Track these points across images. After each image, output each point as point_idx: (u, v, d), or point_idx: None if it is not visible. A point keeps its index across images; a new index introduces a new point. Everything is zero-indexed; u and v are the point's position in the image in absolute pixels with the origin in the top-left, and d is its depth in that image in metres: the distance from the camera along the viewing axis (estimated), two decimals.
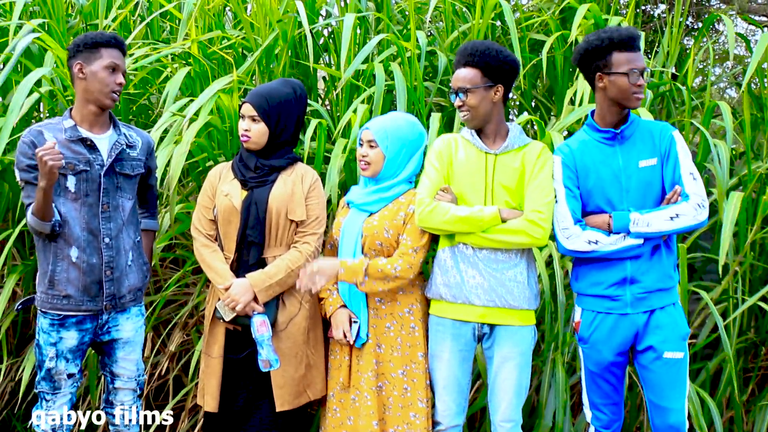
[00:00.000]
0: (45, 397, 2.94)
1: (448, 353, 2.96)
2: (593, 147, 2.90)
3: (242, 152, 3.11)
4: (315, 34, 4.02)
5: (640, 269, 2.81)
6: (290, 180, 3.07)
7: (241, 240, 3.02)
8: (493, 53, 2.88)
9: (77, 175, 2.84)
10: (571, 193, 2.88)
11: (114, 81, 2.86)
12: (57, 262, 2.85)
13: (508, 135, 2.95)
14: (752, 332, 3.93)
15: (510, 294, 2.89)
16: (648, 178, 2.83)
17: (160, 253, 3.75)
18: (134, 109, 4.07)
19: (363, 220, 3.03)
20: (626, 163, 2.84)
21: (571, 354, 3.64)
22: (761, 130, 4.05)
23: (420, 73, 3.70)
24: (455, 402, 2.98)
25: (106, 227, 2.89)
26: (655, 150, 2.84)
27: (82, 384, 3.82)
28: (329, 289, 3.08)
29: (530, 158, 2.91)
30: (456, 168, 2.96)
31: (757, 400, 3.89)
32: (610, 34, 2.80)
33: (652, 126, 2.90)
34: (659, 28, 5.15)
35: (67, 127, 2.87)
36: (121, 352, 3.01)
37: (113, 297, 2.92)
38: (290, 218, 3.02)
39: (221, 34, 3.94)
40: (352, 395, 3.01)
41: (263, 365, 2.92)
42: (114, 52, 2.88)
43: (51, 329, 2.88)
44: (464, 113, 2.92)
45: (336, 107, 3.97)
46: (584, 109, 3.52)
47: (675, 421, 2.86)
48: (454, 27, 4.13)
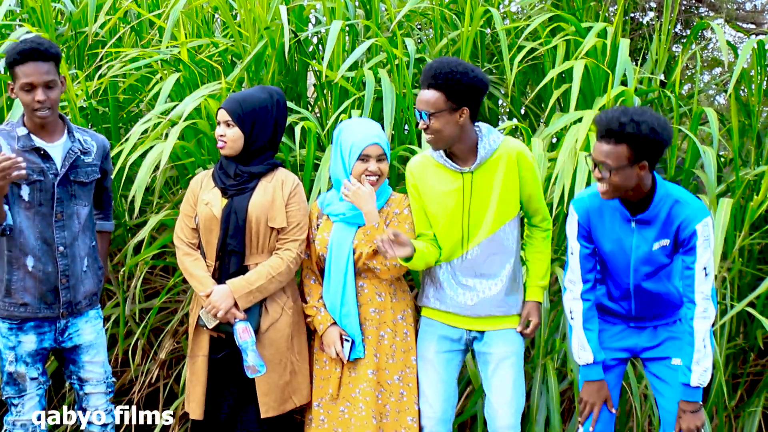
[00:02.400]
0: (13, 402, 2.96)
1: (433, 353, 2.98)
2: (612, 214, 2.74)
3: (222, 160, 3.11)
4: (304, 41, 4.02)
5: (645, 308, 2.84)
6: (270, 186, 3.05)
7: (221, 249, 3.02)
8: (457, 76, 2.72)
9: (31, 185, 2.82)
10: (585, 251, 2.80)
11: (32, 99, 2.77)
12: (13, 271, 2.86)
13: (478, 146, 2.85)
14: (741, 338, 3.94)
15: (498, 304, 2.93)
16: (657, 259, 2.73)
17: (150, 261, 3.75)
18: (124, 116, 4.07)
19: (353, 234, 3.01)
20: (639, 244, 2.72)
21: (560, 360, 3.64)
22: (749, 136, 4.07)
23: (409, 81, 3.70)
24: (441, 408, 2.97)
25: (60, 236, 2.88)
26: (671, 233, 2.67)
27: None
28: (315, 306, 3.06)
29: (512, 160, 2.85)
30: (428, 191, 2.93)
31: (746, 406, 3.90)
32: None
33: (681, 208, 2.65)
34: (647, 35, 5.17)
35: (20, 135, 2.84)
36: (86, 356, 3.02)
37: (69, 304, 2.93)
38: (270, 226, 3.01)
39: (210, 41, 3.95)
40: (341, 407, 3.00)
41: (249, 371, 2.91)
42: (27, 68, 2.75)
43: (9, 333, 2.90)
44: (429, 136, 2.80)
45: (326, 114, 3.97)
46: (572, 115, 3.53)
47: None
48: (443, 34, 4.14)
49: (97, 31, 4.10)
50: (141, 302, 3.90)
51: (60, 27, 4.16)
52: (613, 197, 2.65)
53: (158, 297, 3.72)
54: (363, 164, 2.97)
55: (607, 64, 3.70)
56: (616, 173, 2.55)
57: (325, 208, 3.10)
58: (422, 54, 4.05)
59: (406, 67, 3.71)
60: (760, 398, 3.85)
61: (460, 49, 3.93)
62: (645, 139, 2.51)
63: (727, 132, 3.97)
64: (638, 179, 2.59)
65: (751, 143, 4.06)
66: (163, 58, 3.86)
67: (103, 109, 3.95)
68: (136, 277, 3.56)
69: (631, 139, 2.52)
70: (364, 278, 3.02)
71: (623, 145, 2.53)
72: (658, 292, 2.80)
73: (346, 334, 3.00)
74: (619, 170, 2.55)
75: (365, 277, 3.02)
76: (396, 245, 2.76)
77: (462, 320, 2.96)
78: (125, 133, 3.96)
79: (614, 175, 2.56)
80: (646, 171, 2.59)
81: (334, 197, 3.08)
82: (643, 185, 2.62)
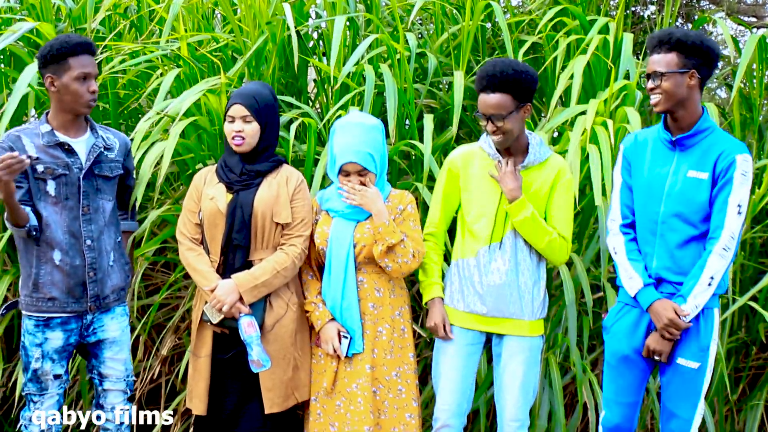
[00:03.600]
0: (32, 399, 2.96)
1: (455, 347, 2.99)
2: (655, 146, 2.86)
3: (226, 157, 3.10)
4: (304, 36, 4.01)
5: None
6: (275, 182, 3.05)
7: (226, 243, 3.01)
8: (522, 75, 2.86)
9: (56, 179, 2.85)
10: (625, 185, 2.91)
11: (87, 90, 2.86)
12: (40, 265, 2.87)
13: (529, 150, 2.95)
14: (743, 332, 3.94)
15: (519, 305, 2.94)
16: (691, 190, 2.75)
17: (151, 257, 3.74)
18: (124, 113, 4.06)
19: (353, 228, 3.01)
20: (676, 170, 2.79)
21: (563, 354, 3.64)
22: (750, 130, 4.07)
23: (410, 75, 3.70)
24: (456, 400, 2.99)
25: (88, 229, 2.90)
26: (710, 165, 2.74)
27: (76, 385, 3.81)
28: (314, 302, 3.06)
29: (553, 174, 2.94)
30: (469, 182, 3.01)
31: (748, 399, 3.90)
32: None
33: (723, 141, 2.77)
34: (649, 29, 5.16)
35: (44, 132, 2.87)
36: (109, 352, 3.02)
37: (97, 298, 2.94)
38: (276, 221, 3.01)
39: (211, 35, 3.94)
40: (337, 401, 3.00)
41: (254, 366, 2.91)
42: (83, 60, 2.85)
43: (36, 330, 2.90)
44: (499, 137, 2.90)
45: (326, 109, 3.96)
46: (574, 109, 3.52)
47: (677, 427, 2.85)
48: (444, 29, 4.13)
49: (97, 28, 4.09)
50: (142, 298, 3.90)
51: (60, 23, 4.14)
52: (664, 109, 2.76)
53: (159, 293, 3.71)
54: (345, 178, 3.00)
55: (610, 58, 3.69)
56: (667, 79, 2.71)
57: (323, 203, 3.10)
58: (423, 49, 4.03)
59: (407, 61, 3.70)
60: (763, 392, 3.86)
61: (461, 44, 3.92)
62: (693, 46, 2.71)
63: (729, 126, 3.96)
64: (688, 91, 2.73)
65: (753, 137, 4.06)
66: (163, 53, 3.85)
67: (104, 105, 3.94)
68: (136, 273, 3.55)
69: (680, 46, 2.71)
70: (364, 273, 3.02)
71: (673, 53, 2.72)
72: (683, 242, 2.77)
73: (345, 330, 3.00)
74: (668, 76, 2.71)
75: (365, 272, 3.02)
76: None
77: (481, 321, 2.98)
78: (125, 128, 3.96)
79: (665, 81, 2.71)
80: (696, 84, 2.74)
81: (333, 193, 3.07)
82: (692, 102, 2.75)
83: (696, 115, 2.78)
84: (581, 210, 3.59)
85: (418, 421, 3.04)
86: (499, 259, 2.94)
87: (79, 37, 2.91)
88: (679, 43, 2.71)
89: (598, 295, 3.73)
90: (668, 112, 2.78)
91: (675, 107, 2.75)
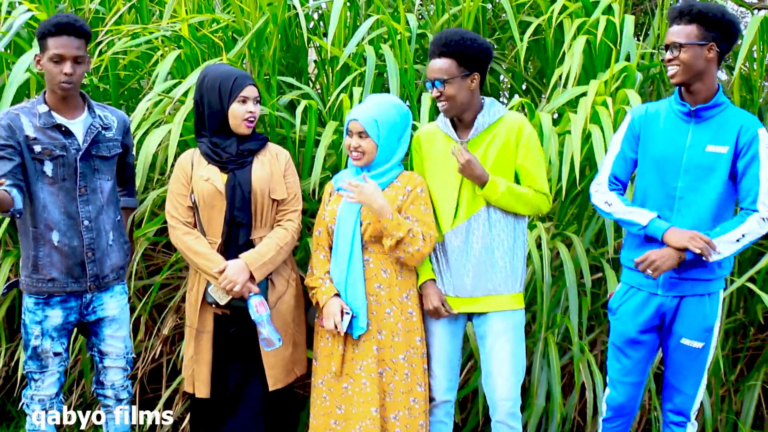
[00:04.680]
0: (33, 377, 2.99)
1: (440, 328, 3.01)
2: (669, 118, 2.83)
3: (217, 138, 3.06)
4: (305, 17, 4.01)
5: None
6: (266, 160, 3.07)
7: (229, 222, 3.02)
8: (467, 42, 2.85)
9: (54, 160, 2.86)
10: (622, 155, 2.89)
11: (60, 71, 2.81)
12: (39, 246, 2.89)
13: (476, 119, 2.92)
14: (741, 313, 3.97)
15: (497, 280, 2.93)
16: (710, 165, 2.74)
17: (152, 237, 3.76)
18: (125, 93, 4.06)
19: (359, 207, 2.98)
20: (693, 143, 2.76)
21: (561, 334, 3.67)
22: (751, 111, 4.07)
23: (411, 56, 3.70)
24: (446, 377, 3.02)
25: (85, 210, 2.91)
26: (731, 139, 2.72)
27: (78, 364, 3.83)
28: (321, 278, 3.03)
29: (512, 132, 2.90)
30: (431, 162, 2.99)
31: (746, 380, 3.93)
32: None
33: (740, 115, 2.76)
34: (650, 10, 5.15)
35: (41, 112, 2.86)
36: (108, 330, 3.05)
37: (97, 277, 2.96)
38: (273, 197, 3.03)
39: (211, 17, 3.93)
40: (345, 384, 2.99)
41: (266, 344, 2.93)
42: (60, 41, 2.80)
43: (36, 308, 2.93)
44: (443, 103, 2.89)
45: (327, 91, 3.96)
46: (574, 91, 3.53)
47: (681, 403, 2.89)
48: (445, 10, 4.13)
49: (97, 8, 4.09)
50: (143, 278, 3.92)
51: (60, 4, 4.14)
52: (681, 80, 2.74)
53: (160, 273, 3.73)
54: (348, 139, 2.98)
55: (610, 38, 3.69)
56: (686, 51, 2.68)
57: (336, 182, 3.10)
58: (424, 30, 4.03)
59: (408, 42, 3.70)
60: (760, 372, 3.89)
61: (461, 24, 3.92)
62: (714, 18, 2.68)
63: None
64: (706, 64, 2.71)
65: None
66: (163, 34, 3.84)
67: (104, 86, 3.94)
68: (136, 252, 3.57)
69: (700, 18, 2.68)
70: (370, 252, 2.99)
71: (693, 24, 2.69)
72: (702, 218, 2.75)
73: (348, 307, 2.97)
74: (687, 48, 2.68)
75: (371, 251, 2.99)
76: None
77: (463, 302, 2.97)
78: (127, 110, 3.96)
79: (684, 53, 2.69)
80: (714, 58, 2.71)
81: (347, 174, 3.07)
82: (710, 75, 2.73)
83: (713, 89, 2.75)
84: (581, 191, 3.61)
85: (423, 405, 3.00)
86: (470, 238, 2.92)
87: (63, 17, 2.84)
88: (700, 15, 2.68)
89: (597, 275, 3.75)
90: (684, 85, 2.76)
91: (692, 79, 2.73)
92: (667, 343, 2.90)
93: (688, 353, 2.84)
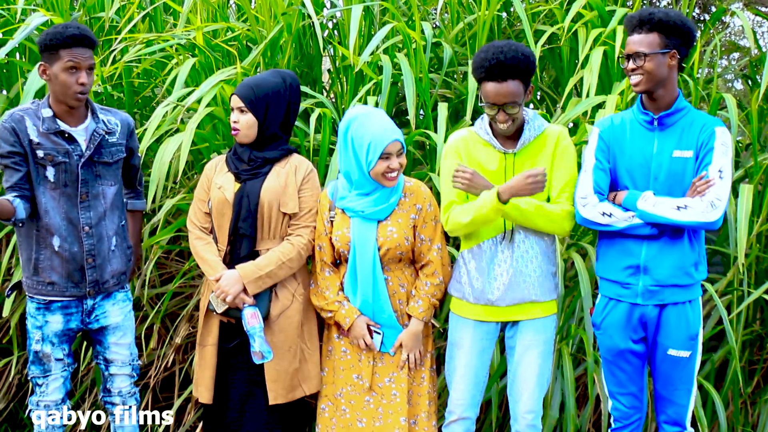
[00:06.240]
0: (37, 382, 3.00)
1: (470, 341, 2.97)
2: (633, 128, 2.84)
3: (236, 145, 3.09)
4: (320, 26, 4.00)
5: (655, 259, 2.76)
6: (284, 172, 3.04)
7: (233, 232, 3.02)
8: (529, 60, 2.76)
9: (56, 166, 2.86)
10: (600, 165, 2.86)
11: (76, 81, 2.81)
12: (40, 249, 2.90)
13: (524, 127, 2.86)
14: (758, 324, 3.93)
15: (531, 288, 2.89)
16: (679, 170, 2.76)
17: (165, 246, 3.76)
18: (139, 102, 4.07)
19: (375, 229, 2.94)
20: (660, 150, 2.78)
21: (576, 345, 3.64)
22: (767, 121, 4.04)
23: (426, 64, 3.69)
24: (470, 393, 2.98)
25: (85, 216, 2.92)
26: (694, 143, 2.75)
27: (90, 373, 3.83)
28: (338, 300, 3.01)
29: (552, 141, 2.87)
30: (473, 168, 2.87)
31: (763, 392, 3.89)
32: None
33: (701, 118, 2.80)
34: None
35: (45, 117, 2.86)
36: (113, 338, 3.05)
37: (96, 282, 2.97)
38: (282, 211, 3.00)
39: (226, 25, 3.94)
40: (366, 397, 3.00)
41: (256, 357, 2.92)
42: (75, 51, 2.80)
43: (37, 313, 2.95)
44: (509, 125, 2.80)
45: (341, 99, 3.96)
46: (590, 101, 3.51)
47: (675, 413, 2.88)
48: (460, 18, 4.12)
49: (111, 17, 4.10)
50: (156, 287, 3.91)
51: (74, 12, 4.16)
52: (645, 89, 2.76)
53: (173, 282, 3.73)
54: (385, 162, 2.86)
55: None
56: (650, 60, 2.71)
57: (338, 201, 3.01)
58: (438, 39, 4.02)
59: (423, 51, 3.70)
60: None
61: (476, 33, 3.91)
62: (674, 26, 2.71)
63: (746, 117, 3.93)
64: (668, 71, 2.74)
65: None
66: (178, 43, 3.85)
67: (118, 95, 3.95)
68: (150, 261, 3.57)
69: (661, 26, 2.71)
70: (388, 271, 2.98)
71: (654, 33, 2.72)
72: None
73: (375, 325, 2.97)
74: (652, 57, 2.71)
75: (389, 269, 2.98)
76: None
77: (495, 312, 2.93)
78: (140, 118, 3.97)
79: (648, 62, 2.71)
80: (675, 64, 2.75)
81: (347, 191, 2.99)
82: (671, 82, 2.77)
83: (674, 94, 2.79)
84: None
85: (434, 414, 3.03)
86: (506, 249, 2.88)
87: (76, 28, 2.83)
88: (661, 23, 2.71)
89: None
90: (647, 93, 2.78)
91: (655, 87, 2.75)
92: (653, 356, 2.88)
93: (675, 363, 2.83)
